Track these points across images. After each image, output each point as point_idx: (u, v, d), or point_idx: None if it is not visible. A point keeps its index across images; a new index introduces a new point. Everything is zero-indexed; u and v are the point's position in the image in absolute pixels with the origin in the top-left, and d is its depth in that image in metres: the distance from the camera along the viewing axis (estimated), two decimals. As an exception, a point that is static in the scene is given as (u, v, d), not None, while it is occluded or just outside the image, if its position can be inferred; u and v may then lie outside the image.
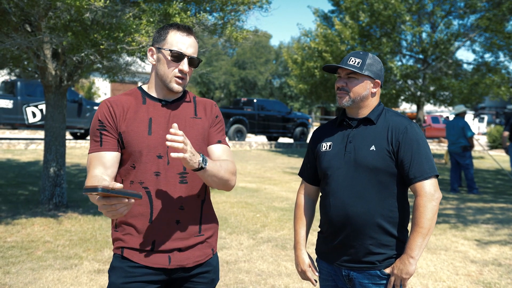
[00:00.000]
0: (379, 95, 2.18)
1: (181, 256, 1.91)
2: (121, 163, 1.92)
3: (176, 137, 1.66)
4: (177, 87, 1.91)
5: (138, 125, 1.89)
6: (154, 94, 1.96)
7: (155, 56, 1.93)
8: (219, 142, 2.02)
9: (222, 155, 1.99)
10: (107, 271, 1.93)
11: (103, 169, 1.85)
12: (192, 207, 1.93)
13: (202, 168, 1.77)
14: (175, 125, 1.68)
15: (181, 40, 1.89)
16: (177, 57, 1.88)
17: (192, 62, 1.92)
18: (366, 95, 2.10)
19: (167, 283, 1.96)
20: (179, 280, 1.96)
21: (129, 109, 1.91)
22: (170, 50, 1.88)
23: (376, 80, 2.11)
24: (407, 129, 2.03)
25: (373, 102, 2.13)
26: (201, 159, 1.77)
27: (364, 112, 2.12)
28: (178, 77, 1.90)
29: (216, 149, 2.00)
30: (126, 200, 1.58)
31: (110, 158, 1.87)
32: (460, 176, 9.89)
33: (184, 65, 1.89)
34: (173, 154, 1.65)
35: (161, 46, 1.90)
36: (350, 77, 2.08)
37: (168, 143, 1.66)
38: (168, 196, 1.88)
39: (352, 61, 2.07)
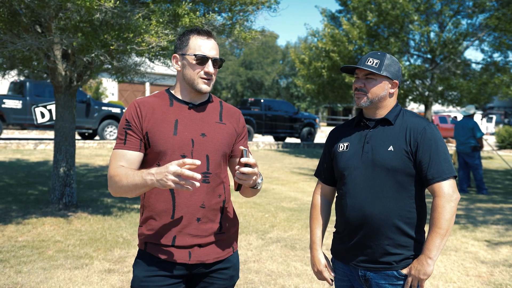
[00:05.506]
0: (397, 96, 2.17)
1: (201, 252, 1.98)
2: (147, 162, 2.01)
3: (250, 168, 1.83)
4: (205, 87, 2.01)
5: (164, 125, 1.97)
6: (180, 97, 2.05)
7: (179, 63, 2.03)
8: None
9: None
10: (132, 265, 2.01)
11: (126, 164, 1.97)
12: (213, 206, 2.00)
13: (256, 187, 1.97)
14: (244, 149, 1.84)
15: (203, 44, 1.99)
16: (201, 60, 1.97)
17: (216, 63, 2.01)
18: (384, 95, 2.09)
19: (188, 278, 2.03)
20: (199, 275, 2.03)
21: (157, 110, 2.00)
22: (195, 55, 1.97)
23: (394, 80, 2.10)
24: (425, 130, 2.02)
25: (391, 102, 2.13)
26: (260, 180, 1.96)
27: (382, 113, 2.12)
28: (204, 78, 1.99)
29: None
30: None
31: (132, 156, 1.98)
32: (469, 177, 9.83)
33: (209, 67, 1.98)
34: (245, 183, 1.86)
35: (185, 52, 2.00)
36: (368, 77, 2.08)
37: (245, 170, 1.81)
38: (190, 195, 1.95)
39: (370, 61, 2.07)
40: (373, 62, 2.06)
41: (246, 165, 1.83)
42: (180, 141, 1.95)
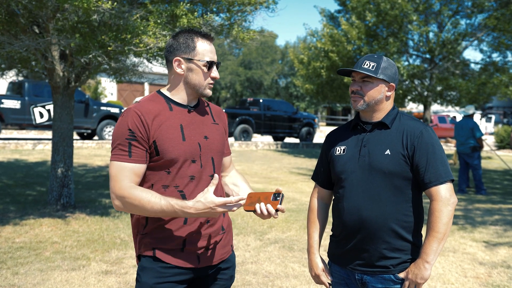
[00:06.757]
0: (393, 99, 2.17)
1: (208, 254, 2.00)
2: (152, 169, 1.93)
3: (278, 215, 1.94)
4: (210, 92, 2.02)
5: (172, 132, 1.92)
6: (178, 100, 2.00)
7: (183, 66, 1.95)
8: (230, 153, 2.23)
9: (231, 165, 2.26)
10: (137, 272, 1.98)
11: (134, 179, 1.87)
12: None
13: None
14: (282, 194, 1.95)
15: (209, 49, 1.97)
16: (210, 65, 1.96)
17: (218, 66, 2.03)
18: (381, 98, 2.08)
19: (191, 280, 2.04)
20: (202, 277, 2.04)
21: (160, 116, 1.92)
22: (207, 61, 1.95)
23: (391, 83, 2.09)
24: (422, 134, 2.02)
25: (388, 105, 2.12)
26: None
27: (379, 116, 2.11)
28: (211, 83, 2.00)
29: (228, 160, 2.22)
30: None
31: (140, 170, 1.89)
32: (468, 177, 9.83)
33: (216, 72, 1.99)
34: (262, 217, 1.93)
35: (192, 57, 1.94)
36: (365, 80, 2.07)
37: (276, 216, 1.91)
38: None
39: (367, 64, 2.05)
40: (370, 65, 2.05)
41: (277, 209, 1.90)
42: (190, 147, 1.93)
